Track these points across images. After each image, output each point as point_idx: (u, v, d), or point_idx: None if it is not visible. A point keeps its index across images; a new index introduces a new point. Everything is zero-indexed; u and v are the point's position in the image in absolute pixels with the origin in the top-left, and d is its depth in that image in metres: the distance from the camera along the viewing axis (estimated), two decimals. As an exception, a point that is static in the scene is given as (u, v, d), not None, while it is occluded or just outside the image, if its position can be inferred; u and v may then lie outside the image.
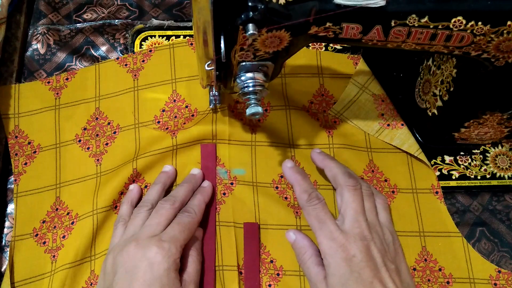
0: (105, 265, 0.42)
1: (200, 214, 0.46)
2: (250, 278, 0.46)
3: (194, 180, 0.48)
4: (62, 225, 0.48)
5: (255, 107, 0.40)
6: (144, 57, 0.55)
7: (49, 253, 0.48)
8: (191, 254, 0.44)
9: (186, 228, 0.43)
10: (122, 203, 0.48)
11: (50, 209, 0.49)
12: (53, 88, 0.54)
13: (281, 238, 0.47)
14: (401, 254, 0.44)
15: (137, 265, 0.39)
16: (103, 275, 0.42)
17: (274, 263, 0.47)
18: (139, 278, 0.39)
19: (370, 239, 0.41)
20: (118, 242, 0.43)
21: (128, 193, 0.48)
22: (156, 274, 0.39)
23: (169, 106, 0.52)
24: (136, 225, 0.44)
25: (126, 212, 0.47)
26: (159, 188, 0.47)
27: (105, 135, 0.52)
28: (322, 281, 0.41)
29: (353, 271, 0.39)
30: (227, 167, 0.50)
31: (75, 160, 0.51)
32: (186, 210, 0.45)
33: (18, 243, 0.48)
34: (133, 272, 0.39)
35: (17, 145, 0.52)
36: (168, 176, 0.49)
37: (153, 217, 0.44)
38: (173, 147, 0.50)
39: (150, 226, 0.43)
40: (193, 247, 0.44)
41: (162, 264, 0.39)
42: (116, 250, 0.42)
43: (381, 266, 0.40)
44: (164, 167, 0.49)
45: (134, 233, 0.43)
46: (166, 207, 0.44)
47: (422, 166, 0.51)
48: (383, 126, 0.52)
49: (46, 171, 0.51)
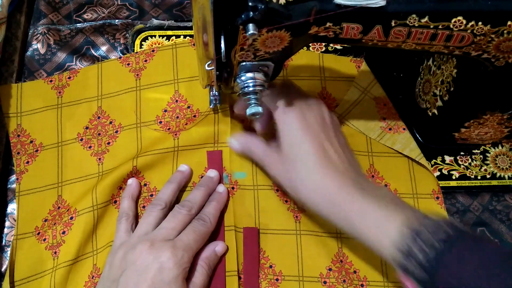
0: (112, 258, 0.42)
1: (215, 223, 0.46)
2: (249, 283, 0.46)
3: (212, 183, 0.48)
4: (61, 221, 0.48)
5: (255, 107, 0.40)
6: (147, 57, 0.55)
7: (50, 250, 0.48)
8: (202, 266, 0.44)
9: (201, 237, 0.44)
10: (122, 198, 0.48)
11: (52, 208, 0.49)
12: (56, 86, 0.54)
13: (280, 243, 0.47)
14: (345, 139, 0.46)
15: (148, 267, 0.40)
16: (108, 267, 0.42)
17: (273, 268, 0.47)
18: (147, 279, 0.39)
19: (322, 105, 0.45)
20: (130, 239, 0.43)
21: (127, 188, 0.48)
22: (166, 279, 0.39)
23: (171, 106, 0.52)
24: (149, 223, 0.44)
25: (128, 207, 0.47)
26: (174, 188, 0.47)
27: (107, 134, 0.52)
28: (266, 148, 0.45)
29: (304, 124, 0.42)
30: (228, 171, 0.50)
31: (77, 159, 0.51)
32: (202, 219, 0.45)
33: (20, 241, 0.48)
34: (143, 272, 0.40)
35: (19, 144, 0.52)
36: (183, 176, 0.49)
37: (169, 221, 0.44)
38: (174, 148, 0.50)
39: (166, 230, 0.43)
40: (206, 260, 0.44)
41: (173, 271, 0.40)
42: (127, 247, 0.42)
43: (329, 129, 0.43)
44: (180, 166, 0.49)
45: (146, 231, 0.43)
46: (183, 212, 0.44)
47: (423, 171, 0.50)
48: (384, 130, 0.52)
49: (48, 169, 0.51)
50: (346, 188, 0.39)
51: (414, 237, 0.34)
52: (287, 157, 0.42)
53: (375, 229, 0.37)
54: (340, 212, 0.39)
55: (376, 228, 0.36)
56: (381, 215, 0.36)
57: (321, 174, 0.40)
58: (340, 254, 0.47)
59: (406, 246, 0.34)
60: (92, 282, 0.46)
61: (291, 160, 0.42)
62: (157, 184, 0.49)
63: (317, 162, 0.40)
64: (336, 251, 0.47)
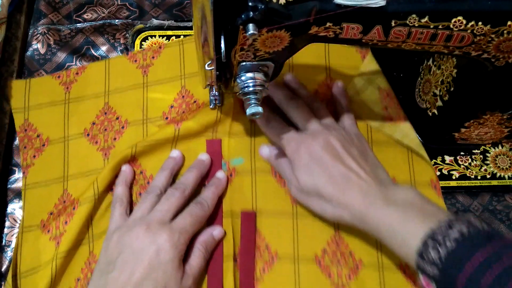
0: (108, 242, 0.43)
1: (212, 207, 0.47)
2: (245, 264, 0.46)
3: (203, 166, 0.49)
4: (65, 212, 0.49)
5: (255, 107, 0.40)
6: (154, 54, 0.55)
7: (54, 241, 0.48)
8: (200, 249, 0.44)
9: (197, 221, 0.44)
10: (116, 184, 0.49)
11: (57, 201, 0.50)
12: (63, 82, 0.55)
13: (277, 225, 0.48)
14: (366, 145, 0.48)
15: (145, 249, 0.41)
16: (104, 251, 0.43)
17: (269, 249, 0.47)
18: (144, 260, 0.40)
19: (327, 133, 0.45)
20: (126, 223, 0.44)
21: (121, 174, 0.49)
22: (162, 261, 0.40)
23: (178, 102, 0.53)
24: (144, 208, 0.45)
25: (122, 192, 0.48)
26: (167, 174, 0.48)
27: (113, 130, 0.52)
28: (291, 173, 0.46)
29: (312, 158, 0.43)
30: (226, 158, 0.50)
31: (83, 154, 0.52)
32: (199, 203, 0.46)
33: (25, 234, 0.48)
34: (139, 254, 0.40)
35: (26, 138, 0.52)
36: (175, 162, 0.49)
37: (163, 203, 0.44)
38: (174, 137, 0.50)
39: (160, 212, 0.44)
40: (203, 243, 0.45)
41: (169, 253, 0.41)
42: (123, 230, 0.43)
43: (342, 153, 0.44)
44: (172, 152, 0.50)
45: (142, 216, 0.44)
46: (177, 195, 0.45)
47: (422, 161, 0.51)
48: (385, 119, 0.52)
49: (54, 164, 0.51)
50: (374, 204, 0.40)
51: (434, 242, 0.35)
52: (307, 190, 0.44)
53: (401, 241, 0.38)
54: (369, 226, 0.41)
55: (402, 241, 0.38)
56: (407, 231, 0.37)
57: (345, 197, 0.42)
58: (336, 236, 0.48)
59: (426, 251, 0.35)
60: (89, 269, 0.47)
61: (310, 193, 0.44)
62: (153, 172, 0.50)
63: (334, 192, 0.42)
64: (332, 233, 0.48)
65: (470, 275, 0.32)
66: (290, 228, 0.48)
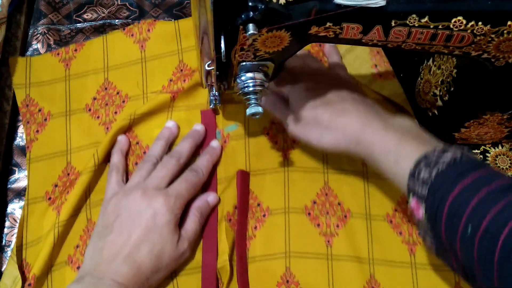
0: (105, 207, 0.45)
1: (207, 175, 0.48)
2: (240, 225, 0.47)
3: (198, 135, 0.50)
4: (70, 184, 0.50)
5: (255, 107, 0.40)
6: (149, 26, 0.57)
7: (55, 210, 0.49)
8: (195, 214, 0.46)
9: (193, 187, 0.46)
10: (112, 153, 0.50)
11: (61, 174, 0.50)
12: (63, 59, 0.56)
13: (269, 180, 0.49)
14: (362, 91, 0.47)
15: (142, 212, 0.42)
16: (102, 215, 0.45)
17: (261, 206, 0.48)
18: (141, 223, 0.42)
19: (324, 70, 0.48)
20: (123, 189, 0.45)
21: (117, 144, 0.50)
22: (158, 224, 0.42)
23: (176, 75, 0.54)
24: (141, 176, 0.46)
25: (118, 160, 0.49)
26: (163, 143, 0.49)
27: (114, 104, 0.53)
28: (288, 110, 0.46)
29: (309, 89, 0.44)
30: (220, 126, 0.51)
31: (85, 127, 0.52)
32: (195, 170, 0.47)
33: (31, 206, 0.49)
34: (136, 217, 0.42)
35: (28, 113, 0.53)
36: (171, 132, 0.50)
37: (159, 170, 0.46)
38: (169, 108, 0.52)
39: (156, 178, 0.45)
40: (198, 209, 0.46)
41: (165, 216, 0.42)
42: (120, 195, 0.44)
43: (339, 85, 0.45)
44: (167, 122, 0.51)
45: (138, 182, 0.45)
46: (172, 162, 0.46)
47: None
48: (375, 76, 0.53)
49: (57, 137, 0.52)
50: (370, 127, 0.41)
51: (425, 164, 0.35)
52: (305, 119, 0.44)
53: (394, 162, 0.38)
54: (363, 149, 0.41)
55: (394, 162, 0.38)
56: (401, 153, 0.38)
57: (343, 119, 0.42)
58: (326, 187, 0.49)
59: (418, 171, 0.35)
60: (88, 236, 0.47)
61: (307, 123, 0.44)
62: (149, 142, 0.51)
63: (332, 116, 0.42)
64: (322, 185, 0.49)
65: (458, 194, 0.32)
66: (281, 183, 0.49)
